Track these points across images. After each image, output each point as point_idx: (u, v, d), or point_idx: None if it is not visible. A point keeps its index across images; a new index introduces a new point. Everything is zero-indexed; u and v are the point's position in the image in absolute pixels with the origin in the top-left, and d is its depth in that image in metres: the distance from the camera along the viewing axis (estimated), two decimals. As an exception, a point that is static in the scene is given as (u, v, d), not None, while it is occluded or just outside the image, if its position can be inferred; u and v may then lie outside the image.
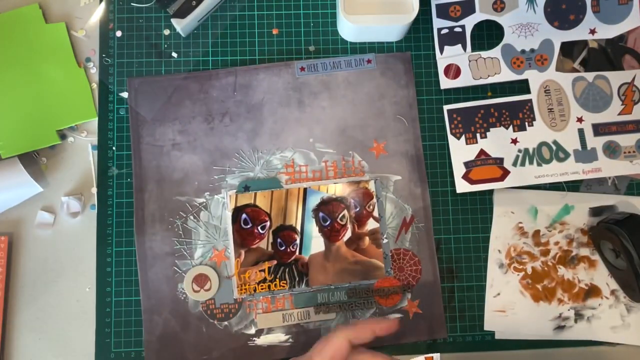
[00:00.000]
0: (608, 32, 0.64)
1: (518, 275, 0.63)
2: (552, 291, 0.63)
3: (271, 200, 0.62)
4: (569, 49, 0.66)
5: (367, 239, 0.63)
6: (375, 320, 0.53)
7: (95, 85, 0.65)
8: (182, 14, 0.63)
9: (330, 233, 0.62)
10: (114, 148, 0.64)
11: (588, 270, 0.64)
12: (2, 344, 0.61)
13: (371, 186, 0.63)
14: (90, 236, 0.63)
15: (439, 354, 0.50)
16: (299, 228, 0.62)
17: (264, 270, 0.61)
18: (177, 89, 0.64)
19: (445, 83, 0.65)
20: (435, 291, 0.62)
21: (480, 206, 0.65)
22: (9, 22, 0.65)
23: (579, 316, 0.63)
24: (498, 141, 0.64)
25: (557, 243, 0.64)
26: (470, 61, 0.65)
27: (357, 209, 0.63)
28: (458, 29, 0.65)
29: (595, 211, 0.64)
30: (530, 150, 0.63)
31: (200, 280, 0.61)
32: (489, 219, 0.64)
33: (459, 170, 0.64)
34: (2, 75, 0.64)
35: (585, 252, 0.64)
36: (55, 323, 0.62)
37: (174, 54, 0.66)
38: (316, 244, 0.62)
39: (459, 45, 0.65)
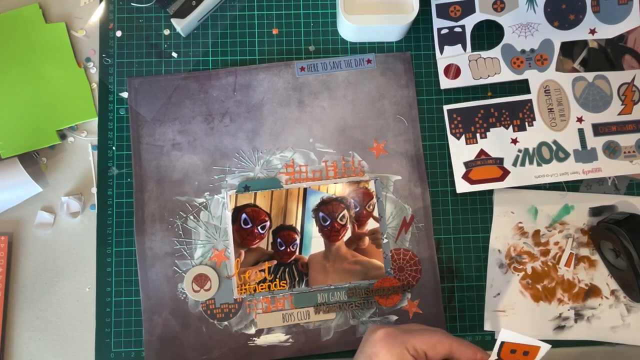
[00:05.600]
0: (608, 32, 0.64)
1: (518, 275, 0.63)
2: (552, 291, 0.63)
3: (271, 200, 0.62)
4: (569, 49, 0.66)
5: (367, 239, 0.62)
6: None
7: (95, 85, 0.65)
8: (182, 14, 0.63)
9: (330, 233, 0.62)
10: (114, 148, 0.64)
11: (588, 270, 0.64)
12: (2, 344, 0.61)
13: (371, 186, 0.63)
14: (90, 236, 0.63)
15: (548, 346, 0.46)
16: (299, 228, 0.62)
17: (264, 270, 0.61)
18: (177, 89, 0.64)
19: (445, 83, 0.65)
20: (435, 291, 0.62)
21: (480, 206, 0.65)
22: (9, 22, 0.65)
23: (579, 316, 0.63)
24: (498, 141, 0.64)
25: (557, 243, 0.64)
26: (470, 61, 0.65)
27: (357, 209, 0.63)
28: (458, 29, 0.65)
29: (595, 211, 0.64)
30: (530, 150, 0.63)
31: (200, 280, 0.61)
32: (489, 219, 0.64)
33: (459, 170, 0.64)
34: (2, 75, 0.64)
35: (585, 252, 0.64)
36: (55, 323, 0.62)
37: (174, 54, 0.66)
38: (316, 244, 0.62)
39: (459, 45, 0.65)
